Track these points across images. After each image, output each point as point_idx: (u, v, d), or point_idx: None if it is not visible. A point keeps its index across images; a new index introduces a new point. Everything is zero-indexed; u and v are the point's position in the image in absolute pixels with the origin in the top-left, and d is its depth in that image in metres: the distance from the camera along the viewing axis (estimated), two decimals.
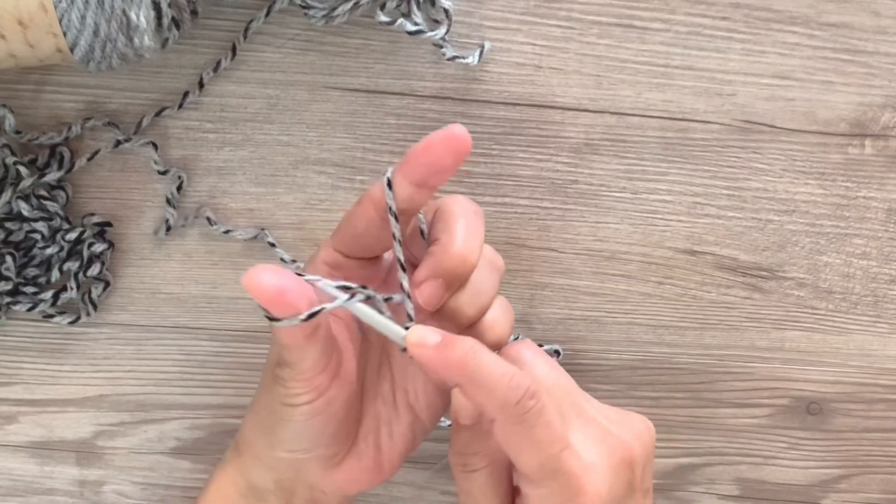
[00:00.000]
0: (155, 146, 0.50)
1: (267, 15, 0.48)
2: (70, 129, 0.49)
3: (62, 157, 0.49)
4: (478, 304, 0.41)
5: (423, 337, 0.38)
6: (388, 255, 0.44)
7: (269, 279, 0.36)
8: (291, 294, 0.36)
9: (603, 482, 0.40)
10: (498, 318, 0.42)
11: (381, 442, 0.43)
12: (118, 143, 0.49)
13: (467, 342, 0.37)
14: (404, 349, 0.38)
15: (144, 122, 0.49)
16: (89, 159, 0.50)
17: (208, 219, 0.50)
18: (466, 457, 0.40)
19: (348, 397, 0.42)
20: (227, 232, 0.50)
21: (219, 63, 0.49)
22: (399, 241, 0.39)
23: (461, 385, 0.37)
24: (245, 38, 0.49)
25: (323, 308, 0.37)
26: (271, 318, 0.37)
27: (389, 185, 0.39)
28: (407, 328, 0.38)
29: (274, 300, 0.36)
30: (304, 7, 0.46)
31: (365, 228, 0.41)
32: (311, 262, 0.42)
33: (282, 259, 0.51)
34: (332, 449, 0.42)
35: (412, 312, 0.40)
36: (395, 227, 0.39)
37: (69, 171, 0.49)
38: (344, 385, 0.41)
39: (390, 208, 0.39)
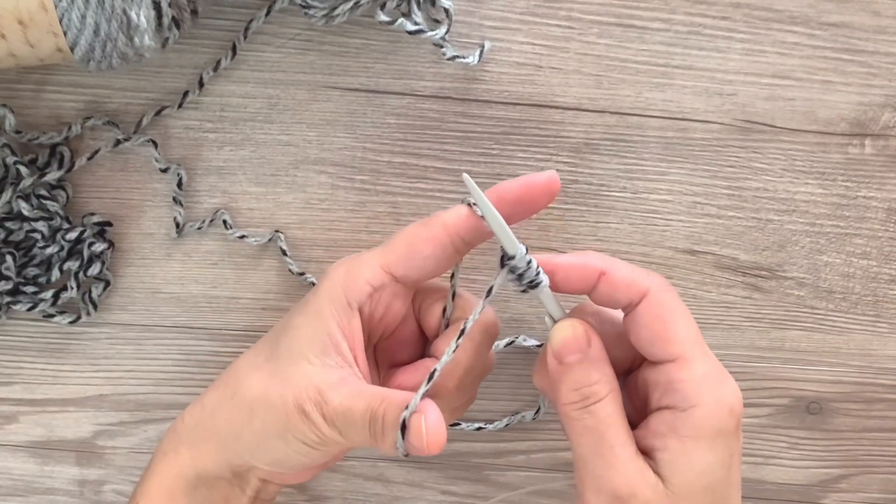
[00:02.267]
0: (155, 144, 0.50)
1: (267, 15, 0.48)
2: (70, 128, 0.49)
3: (62, 157, 0.49)
4: None
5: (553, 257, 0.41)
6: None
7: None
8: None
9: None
10: None
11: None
12: (118, 142, 0.49)
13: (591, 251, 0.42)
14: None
15: (144, 122, 0.49)
16: (89, 159, 0.50)
17: (224, 222, 0.50)
18: (587, 389, 0.39)
19: None
20: (241, 237, 0.50)
21: (219, 63, 0.49)
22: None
23: (608, 272, 0.40)
24: (245, 37, 0.49)
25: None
26: None
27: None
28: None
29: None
30: (304, 7, 0.46)
31: (431, 253, 0.41)
32: (353, 280, 0.41)
33: (290, 270, 0.51)
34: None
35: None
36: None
37: (69, 170, 0.49)
38: None
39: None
